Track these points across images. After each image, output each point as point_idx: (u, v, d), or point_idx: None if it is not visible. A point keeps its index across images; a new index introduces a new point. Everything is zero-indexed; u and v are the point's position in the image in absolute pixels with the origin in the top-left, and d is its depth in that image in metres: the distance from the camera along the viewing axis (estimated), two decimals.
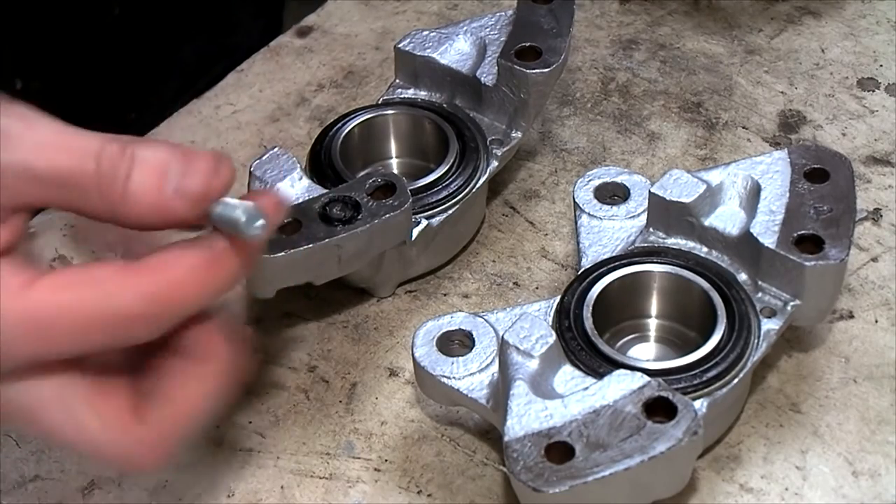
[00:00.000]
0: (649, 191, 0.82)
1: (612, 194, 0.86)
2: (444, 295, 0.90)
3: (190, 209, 0.60)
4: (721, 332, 0.76)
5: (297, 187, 0.84)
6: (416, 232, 0.85)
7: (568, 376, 0.74)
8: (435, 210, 0.87)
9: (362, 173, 0.86)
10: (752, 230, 0.78)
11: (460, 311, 0.80)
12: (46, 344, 0.59)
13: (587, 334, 0.76)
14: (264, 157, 0.85)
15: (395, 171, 0.93)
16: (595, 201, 0.85)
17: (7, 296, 0.58)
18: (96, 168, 0.59)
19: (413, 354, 0.77)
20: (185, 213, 0.60)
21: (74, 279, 0.59)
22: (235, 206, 0.61)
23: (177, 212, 0.60)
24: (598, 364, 0.75)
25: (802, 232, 0.77)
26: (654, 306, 0.82)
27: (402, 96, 0.94)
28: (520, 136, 0.91)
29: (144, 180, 0.59)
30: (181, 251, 0.61)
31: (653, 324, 0.83)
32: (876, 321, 0.86)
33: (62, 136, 0.59)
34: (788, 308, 0.78)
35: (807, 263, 0.76)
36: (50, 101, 0.65)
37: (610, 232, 0.83)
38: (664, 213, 0.81)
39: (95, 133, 0.60)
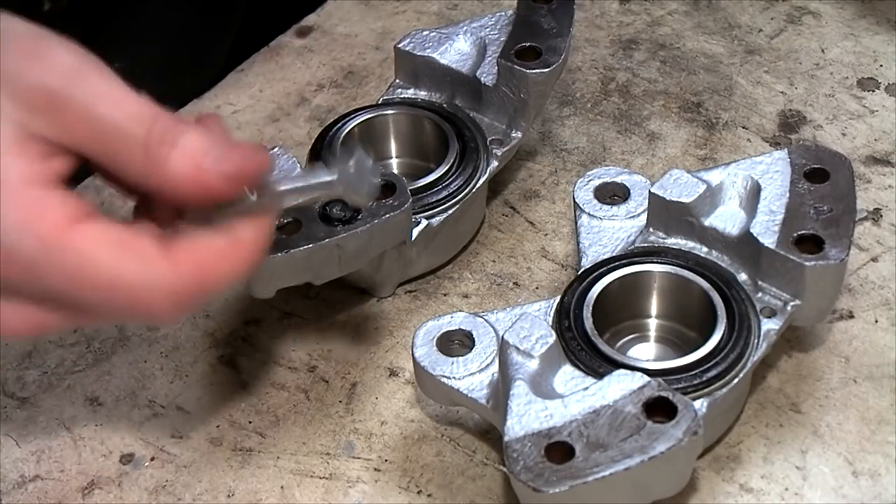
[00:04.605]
0: (649, 191, 0.82)
1: (612, 194, 0.86)
2: (444, 295, 0.90)
3: (224, 186, 0.63)
4: (721, 332, 0.76)
5: None
6: (416, 232, 0.85)
7: (568, 376, 0.74)
8: (435, 210, 0.87)
9: None
10: (752, 230, 0.78)
11: (460, 311, 0.80)
12: (71, 287, 0.62)
13: (587, 334, 0.76)
14: None
15: (395, 171, 0.93)
16: (595, 201, 0.85)
17: (51, 226, 0.61)
18: (148, 132, 0.62)
19: (413, 354, 0.77)
20: (219, 189, 0.63)
21: (118, 240, 0.62)
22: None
23: (212, 186, 0.63)
24: (598, 364, 0.75)
25: (802, 232, 0.77)
26: (654, 306, 0.82)
27: (402, 96, 0.94)
28: (520, 136, 0.91)
29: (187, 150, 0.63)
30: (210, 239, 0.64)
31: (653, 324, 0.83)
32: (876, 321, 0.86)
33: (124, 93, 0.63)
34: (788, 308, 0.78)
35: (807, 263, 0.76)
36: None
37: (610, 232, 0.83)
38: (664, 213, 0.81)
39: (152, 101, 0.63)
